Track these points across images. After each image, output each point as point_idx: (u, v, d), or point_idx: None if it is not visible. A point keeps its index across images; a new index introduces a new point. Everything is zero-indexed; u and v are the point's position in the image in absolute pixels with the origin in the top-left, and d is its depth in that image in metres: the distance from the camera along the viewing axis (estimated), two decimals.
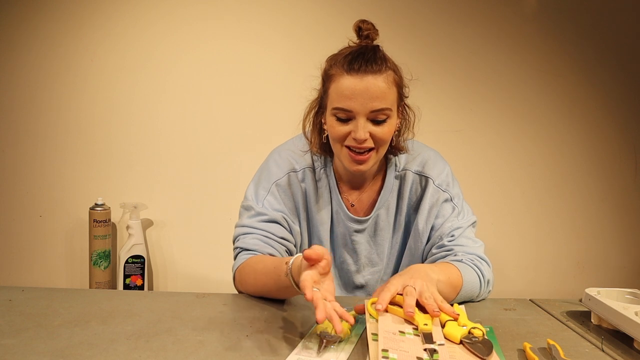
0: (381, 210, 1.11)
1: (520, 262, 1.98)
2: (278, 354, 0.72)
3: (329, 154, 1.10)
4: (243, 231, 1.07)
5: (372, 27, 1.00)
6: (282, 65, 1.88)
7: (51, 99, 1.87)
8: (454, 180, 1.11)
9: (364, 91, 0.94)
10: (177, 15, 1.86)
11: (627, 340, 0.82)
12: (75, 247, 1.91)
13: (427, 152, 1.12)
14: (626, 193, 1.98)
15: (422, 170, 1.10)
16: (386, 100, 0.96)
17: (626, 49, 1.93)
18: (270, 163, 1.11)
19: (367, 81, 0.94)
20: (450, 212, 1.07)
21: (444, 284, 0.92)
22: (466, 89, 1.92)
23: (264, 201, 1.07)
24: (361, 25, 1.00)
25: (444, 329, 0.78)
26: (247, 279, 1.00)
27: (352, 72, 0.95)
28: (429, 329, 0.75)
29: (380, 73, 0.95)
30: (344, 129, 0.97)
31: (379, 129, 0.97)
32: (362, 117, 0.96)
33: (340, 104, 0.96)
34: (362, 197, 1.12)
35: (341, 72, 0.97)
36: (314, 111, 1.07)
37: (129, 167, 1.90)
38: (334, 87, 0.98)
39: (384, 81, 0.95)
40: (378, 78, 0.95)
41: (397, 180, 1.11)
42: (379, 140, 0.98)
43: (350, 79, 0.95)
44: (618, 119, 1.95)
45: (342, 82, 0.96)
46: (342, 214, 1.10)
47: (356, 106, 0.95)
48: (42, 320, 0.83)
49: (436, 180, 1.08)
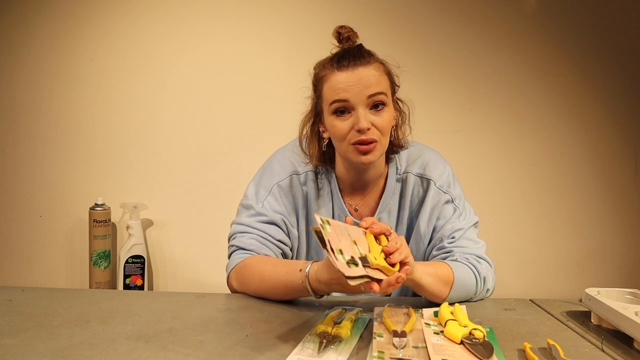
0: (383, 214, 1.10)
1: (520, 262, 1.98)
2: (278, 354, 0.72)
3: (329, 164, 1.10)
4: (240, 229, 1.07)
5: (351, 30, 1.02)
6: (281, 65, 1.88)
7: (51, 99, 1.87)
8: (455, 181, 1.11)
9: (357, 81, 0.96)
10: (177, 15, 1.86)
11: (627, 340, 0.82)
12: (75, 247, 1.91)
13: (427, 154, 1.12)
14: (626, 193, 1.97)
15: (424, 173, 1.10)
16: (380, 85, 0.97)
17: (626, 49, 1.93)
18: (274, 163, 1.11)
19: (359, 72, 0.96)
20: (451, 213, 1.07)
21: (431, 276, 0.92)
22: (466, 89, 1.92)
23: (264, 201, 1.07)
24: (340, 30, 1.02)
25: (445, 328, 0.78)
26: (249, 280, 1.00)
27: (342, 68, 0.97)
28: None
29: (369, 64, 0.98)
30: (345, 124, 0.98)
31: (378, 118, 0.98)
32: (361, 106, 0.96)
33: (337, 97, 0.97)
34: (365, 201, 1.11)
35: (332, 70, 0.98)
36: (310, 122, 1.08)
37: (129, 167, 1.90)
38: (327, 86, 0.99)
39: (375, 69, 0.98)
40: (369, 67, 0.97)
41: (399, 183, 1.11)
42: (380, 128, 0.98)
43: (342, 74, 0.97)
44: (618, 119, 1.95)
45: (334, 79, 0.97)
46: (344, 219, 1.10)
47: (352, 95, 0.96)
48: (42, 320, 0.83)
49: (437, 182, 1.08)
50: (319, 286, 0.88)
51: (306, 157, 1.09)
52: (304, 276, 0.89)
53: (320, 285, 0.88)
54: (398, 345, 0.74)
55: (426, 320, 0.86)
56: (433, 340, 0.77)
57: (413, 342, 0.77)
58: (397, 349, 0.73)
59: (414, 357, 0.71)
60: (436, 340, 0.77)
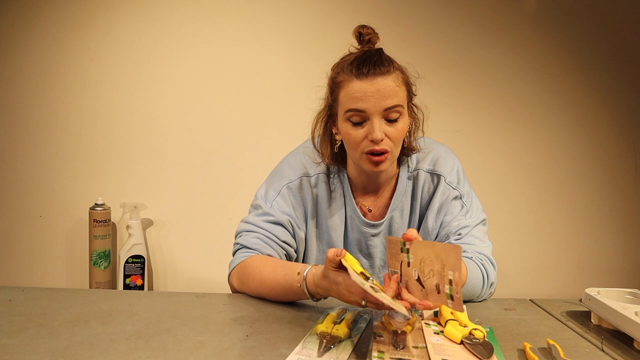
0: (395, 212, 1.10)
1: (521, 262, 1.98)
2: (278, 354, 0.72)
3: (341, 164, 1.10)
4: (247, 228, 1.07)
5: (372, 31, 1.01)
6: (282, 66, 1.88)
7: (51, 99, 1.87)
8: (464, 177, 1.11)
9: (375, 92, 0.95)
10: (177, 15, 1.86)
11: (627, 340, 0.81)
12: (75, 247, 1.91)
13: (438, 149, 1.12)
14: (626, 193, 1.97)
15: (434, 169, 1.09)
16: (398, 97, 0.96)
17: (626, 49, 1.93)
18: (284, 166, 1.12)
19: (377, 83, 0.95)
20: (458, 210, 1.07)
21: None
22: (466, 89, 1.92)
23: (272, 202, 1.08)
24: (361, 30, 1.00)
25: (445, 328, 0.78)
26: (249, 280, 1.00)
27: (361, 76, 0.95)
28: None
29: (389, 74, 0.96)
30: (360, 132, 0.97)
31: (393, 128, 0.97)
32: (377, 117, 0.96)
33: (353, 106, 0.96)
34: (378, 201, 1.11)
35: (350, 77, 0.97)
36: (323, 124, 1.07)
37: (129, 167, 1.90)
38: (344, 92, 0.98)
39: (393, 81, 0.96)
40: (387, 78, 0.95)
41: (410, 181, 1.11)
42: (393, 139, 0.98)
43: (360, 83, 0.95)
44: (618, 119, 1.95)
45: (352, 87, 0.96)
46: (356, 220, 1.09)
47: (369, 106, 0.95)
48: (42, 320, 0.83)
49: (447, 178, 1.08)
50: (316, 290, 0.88)
51: (318, 155, 1.09)
52: (302, 279, 0.89)
53: (317, 289, 0.88)
54: (398, 345, 0.74)
55: (426, 320, 0.86)
56: (433, 340, 0.77)
57: (413, 342, 0.77)
58: (397, 349, 0.73)
59: (414, 357, 0.71)
60: (436, 340, 0.77)
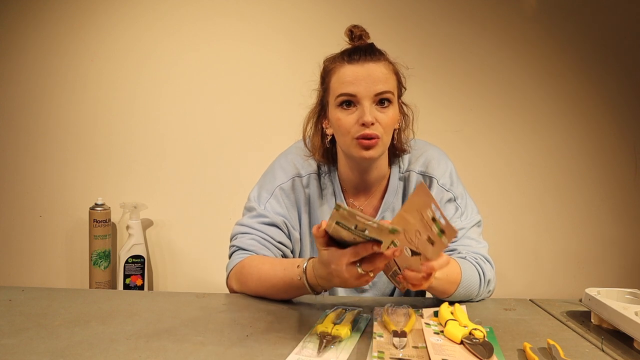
0: (386, 213, 1.10)
1: (520, 262, 1.98)
2: (278, 354, 0.72)
3: (332, 164, 1.10)
4: (242, 230, 1.07)
5: (363, 29, 1.03)
6: (282, 65, 1.88)
7: (51, 99, 1.87)
8: (458, 179, 1.11)
9: (366, 76, 0.96)
10: (177, 15, 1.86)
11: (627, 340, 0.81)
12: (75, 247, 1.91)
13: (430, 151, 1.12)
14: (626, 193, 1.97)
15: (426, 170, 1.09)
16: (388, 83, 0.98)
17: (626, 49, 1.93)
18: (276, 167, 1.12)
19: (368, 67, 0.97)
20: (453, 212, 1.07)
21: (442, 281, 0.92)
22: (466, 89, 1.92)
23: (266, 204, 1.08)
24: (352, 29, 1.03)
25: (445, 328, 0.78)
26: (248, 279, 1.00)
27: (352, 61, 0.98)
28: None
29: (380, 61, 0.98)
30: (350, 118, 0.98)
31: (383, 114, 0.98)
32: (367, 101, 0.97)
33: (344, 90, 0.97)
34: (369, 201, 1.11)
35: (341, 63, 0.99)
36: (315, 118, 1.08)
37: (129, 167, 1.90)
38: (335, 78, 0.99)
39: (384, 67, 0.98)
40: (378, 64, 0.98)
41: (402, 182, 1.11)
42: (384, 126, 0.98)
43: (351, 67, 0.98)
44: (618, 119, 1.95)
45: (343, 72, 0.98)
46: None
47: (360, 90, 0.96)
48: (42, 320, 0.83)
49: (440, 180, 1.08)
50: (317, 281, 0.87)
51: (309, 152, 1.09)
52: (302, 272, 0.89)
53: (318, 280, 0.87)
54: (398, 345, 0.74)
55: (426, 320, 0.86)
56: (433, 340, 0.77)
57: (413, 342, 0.77)
58: (397, 349, 0.73)
59: (414, 357, 0.71)
60: (436, 340, 0.77)
